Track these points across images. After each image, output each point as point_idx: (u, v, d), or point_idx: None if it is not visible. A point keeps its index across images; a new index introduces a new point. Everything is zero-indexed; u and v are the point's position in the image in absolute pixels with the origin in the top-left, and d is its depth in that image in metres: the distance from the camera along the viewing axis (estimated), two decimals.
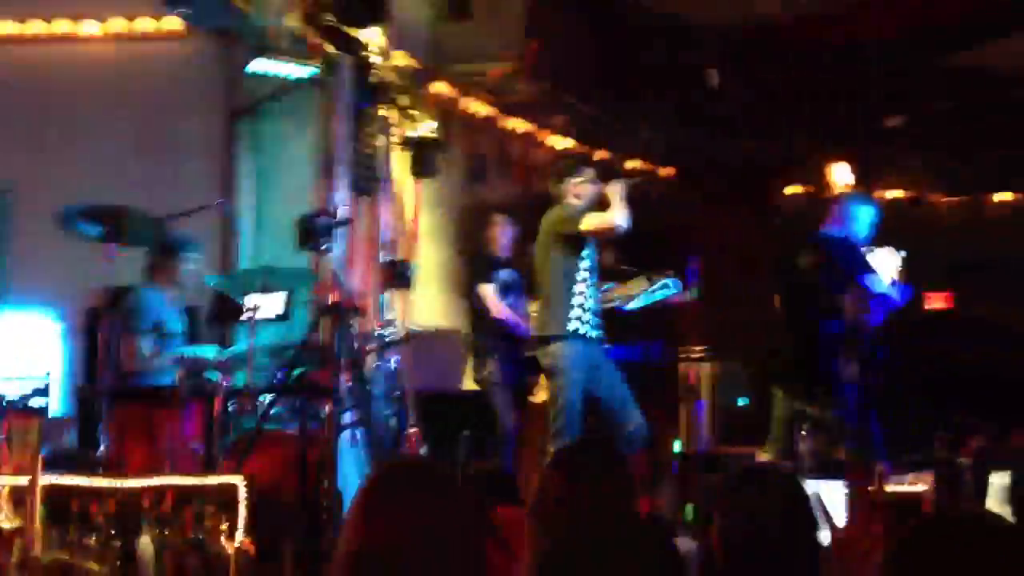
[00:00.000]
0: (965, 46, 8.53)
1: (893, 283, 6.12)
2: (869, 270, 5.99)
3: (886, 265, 6.20)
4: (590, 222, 5.65)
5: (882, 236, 10.13)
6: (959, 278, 9.97)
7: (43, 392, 6.39)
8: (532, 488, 4.79)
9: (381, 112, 7.06)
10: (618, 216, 5.60)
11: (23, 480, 4.55)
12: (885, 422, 6.06)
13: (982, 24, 8.42)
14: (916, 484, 5.20)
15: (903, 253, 10.00)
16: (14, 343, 6.89)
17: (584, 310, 5.68)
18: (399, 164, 7.72)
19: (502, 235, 7.24)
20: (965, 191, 10.08)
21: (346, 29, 5.26)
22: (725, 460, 6.78)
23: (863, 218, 6.17)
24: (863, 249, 6.05)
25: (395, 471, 2.33)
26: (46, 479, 4.56)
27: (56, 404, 6.32)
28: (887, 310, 6.03)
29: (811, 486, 2.84)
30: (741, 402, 8.36)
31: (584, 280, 5.72)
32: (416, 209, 8.09)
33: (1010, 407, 7.42)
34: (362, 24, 5.29)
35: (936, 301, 10.23)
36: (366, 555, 2.05)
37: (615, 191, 5.73)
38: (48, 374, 6.50)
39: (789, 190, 10.86)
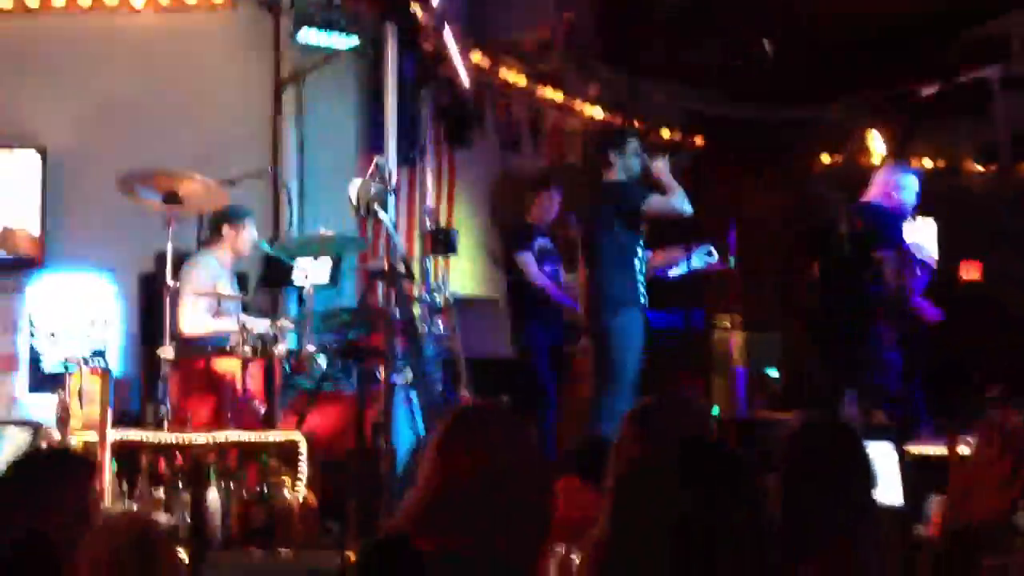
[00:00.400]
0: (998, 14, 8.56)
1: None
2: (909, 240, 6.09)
3: (926, 235, 6.28)
4: (655, 205, 5.77)
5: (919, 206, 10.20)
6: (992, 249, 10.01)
7: (101, 353, 6.59)
8: (571, 451, 4.95)
9: (421, 82, 7.22)
10: (680, 200, 5.73)
11: (93, 436, 4.73)
12: (928, 387, 6.19)
13: None
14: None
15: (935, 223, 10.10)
16: (71, 305, 7.08)
17: (640, 283, 5.84)
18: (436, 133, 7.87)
19: (549, 203, 7.32)
20: (1000, 161, 10.10)
21: None
22: (765, 425, 6.89)
23: (910, 187, 6.24)
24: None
25: (470, 411, 2.51)
26: (114, 435, 4.74)
27: (114, 365, 6.48)
28: (927, 279, 6.13)
29: None
30: (772, 372, 8.48)
31: (638, 254, 5.87)
32: (452, 178, 8.23)
33: None
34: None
35: (971, 271, 10.28)
36: (447, 485, 2.20)
37: (661, 169, 5.83)
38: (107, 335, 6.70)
39: (825, 159, 10.90)
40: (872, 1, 8.64)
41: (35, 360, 7.04)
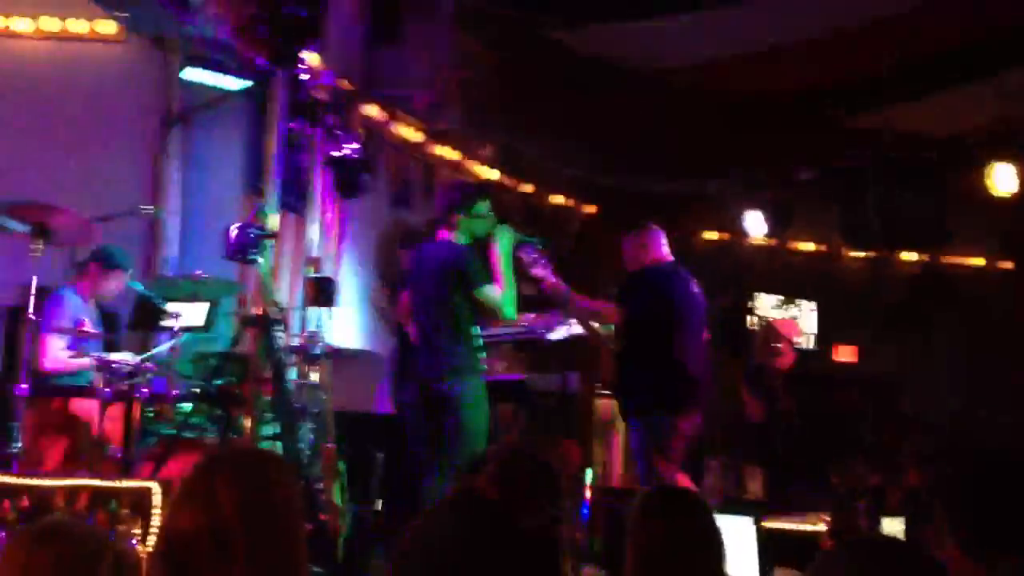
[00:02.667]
0: (874, 106, 8.92)
1: None
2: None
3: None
4: (487, 295, 5.19)
5: (796, 287, 10.49)
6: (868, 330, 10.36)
7: None
8: None
9: (309, 130, 7.17)
10: (507, 307, 5.20)
11: None
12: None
13: (890, 86, 8.80)
14: (814, 523, 5.40)
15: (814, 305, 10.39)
16: None
17: (482, 348, 5.37)
18: (325, 183, 7.81)
19: None
20: (875, 247, 10.48)
21: (280, 45, 5.30)
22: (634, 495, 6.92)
23: None
24: None
25: (225, 454, 2.44)
26: None
27: None
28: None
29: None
30: None
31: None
32: (339, 229, 8.17)
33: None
34: (296, 41, 5.35)
35: (845, 354, 10.63)
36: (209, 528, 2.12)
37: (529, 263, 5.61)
38: None
39: (707, 235, 11.16)
40: (753, 79, 8.93)
41: None
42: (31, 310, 5.00)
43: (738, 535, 4.71)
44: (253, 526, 2.12)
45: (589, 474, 6.98)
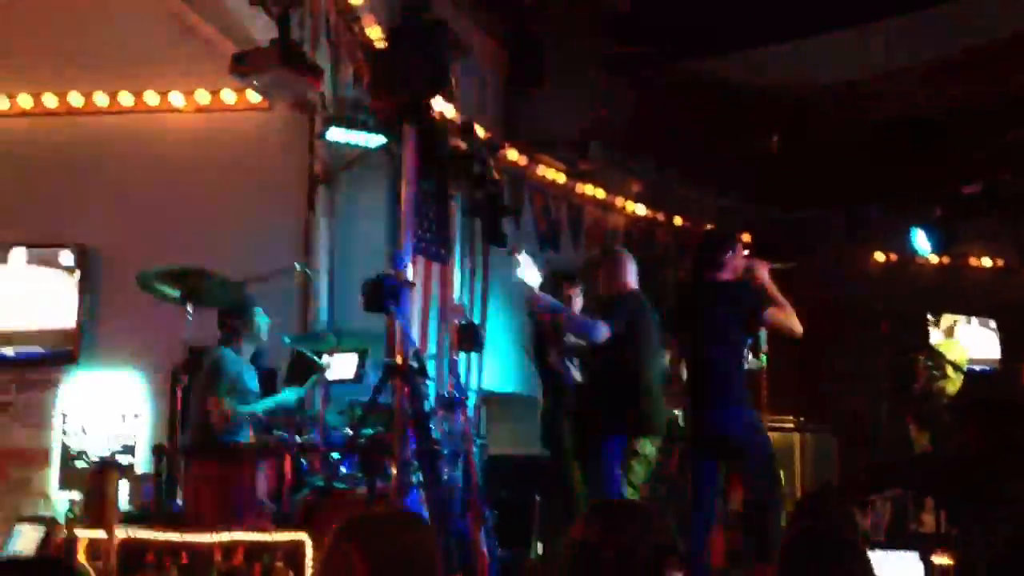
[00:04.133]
0: None
1: None
2: None
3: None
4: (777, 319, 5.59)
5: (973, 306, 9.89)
6: None
7: (131, 449, 6.61)
8: None
9: (452, 179, 7.25)
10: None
11: (100, 534, 4.70)
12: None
13: None
14: None
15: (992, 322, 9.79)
16: (103, 401, 7.14)
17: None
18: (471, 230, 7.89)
19: (577, 300, 7.22)
20: None
21: (409, 98, 5.38)
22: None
23: None
24: None
25: (359, 520, 2.45)
26: (122, 532, 4.71)
27: (141, 461, 6.50)
28: None
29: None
30: None
31: None
32: (485, 273, 8.22)
33: None
34: (426, 94, 5.42)
35: None
36: None
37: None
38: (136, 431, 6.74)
39: (879, 257, 10.76)
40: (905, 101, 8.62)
41: (65, 456, 7.09)
42: (191, 373, 5.19)
43: (904, 571, 4.47)
44: None
45: None
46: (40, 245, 7.33)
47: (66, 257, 7.27)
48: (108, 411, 7.17)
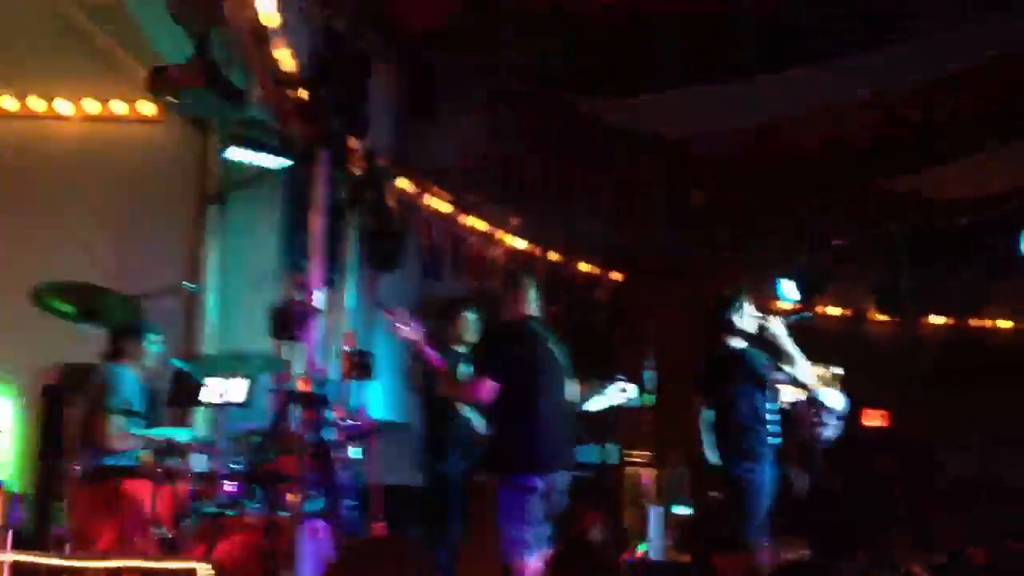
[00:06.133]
0: (909, 171, 8.98)
1: None
2: None
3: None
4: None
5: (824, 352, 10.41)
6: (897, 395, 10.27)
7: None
8: None
9: (349, 204, 7.25)
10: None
11: None
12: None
13: (922, 151, 8.88)
14: None
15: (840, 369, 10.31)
16: None
17: None
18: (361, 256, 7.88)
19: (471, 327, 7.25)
20: (903, 312, 10.45)
21: (327, 126, 5.41)
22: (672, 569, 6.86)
23: None
24: None
25: (358, 547, 2.41)
26: (11, 556, 4.54)
27: (8, 479, 6.21)
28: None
29: None
30: (676, 509, 8.45)
31: None
32: (372, 301, 8.21)
33: None
34: (342, 122, 5.45)
35: (873, 418, 10.52)
36: None
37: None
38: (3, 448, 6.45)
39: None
40: (789, 148, 9.01)
41: None
42: (81, 390, 5.03)
43: None
44: None
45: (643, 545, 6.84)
46: None
47: None
48: None
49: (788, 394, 6.16)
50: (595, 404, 6.98)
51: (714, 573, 3.35)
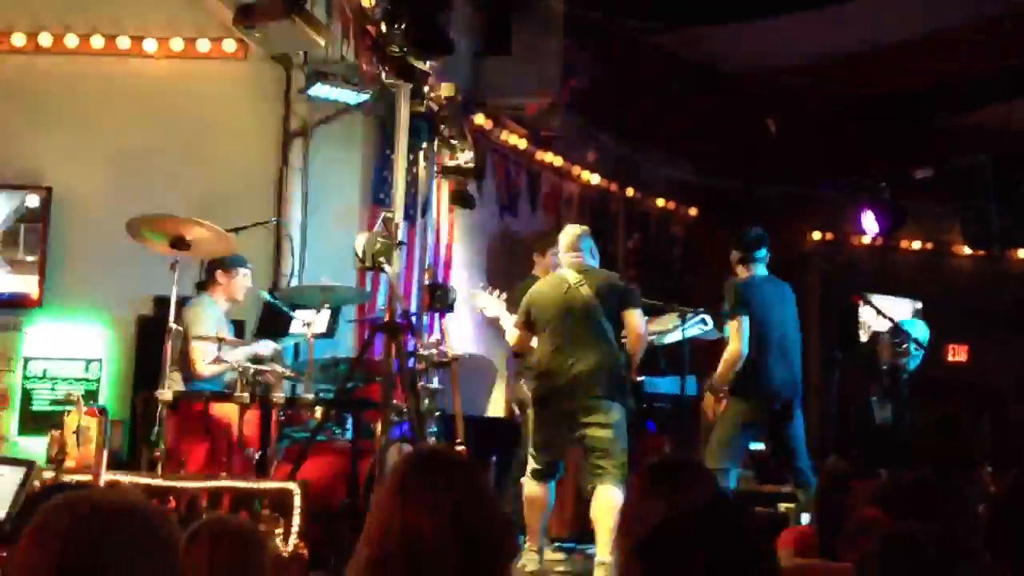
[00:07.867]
0: (991, 101, 8.78)
1: None
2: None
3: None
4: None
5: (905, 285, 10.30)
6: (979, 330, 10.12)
7: (93, 395, 6.60)
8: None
9: (427, 141, 7.31)
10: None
11: (87, 477, 4.73)
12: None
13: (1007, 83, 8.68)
14: None
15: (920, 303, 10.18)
16: (66, 346, 7.09)
17: None
18: (439, 192, 7.97)
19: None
20: (988, 245, 10.26)
21: (409, 60, 5.46)
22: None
23: None
24: None
25: (428, 455, 2.42)
26: (109, 476, 4.74)
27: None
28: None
29: None
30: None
31: None
32: (451, 237, 8.32)
33: None
34: (429, 56, 5.50)
35: (958, 354, 10.40)
36: (406, 535, 2.10)
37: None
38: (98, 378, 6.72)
39: (816, 235, 11.06)
40: (865, 81, 8.85)
41: (26, 399, 7.03)
42: (171, 320, 5.20)
43: None
44: (469, 525, 2.12)
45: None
46: (5, 187, 7.20)
47: (32, 200, 7.16)
48: (71, 356, 7.12)
49: (872, 323, 6.14)
50: (671, 337, 7.06)
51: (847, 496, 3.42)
